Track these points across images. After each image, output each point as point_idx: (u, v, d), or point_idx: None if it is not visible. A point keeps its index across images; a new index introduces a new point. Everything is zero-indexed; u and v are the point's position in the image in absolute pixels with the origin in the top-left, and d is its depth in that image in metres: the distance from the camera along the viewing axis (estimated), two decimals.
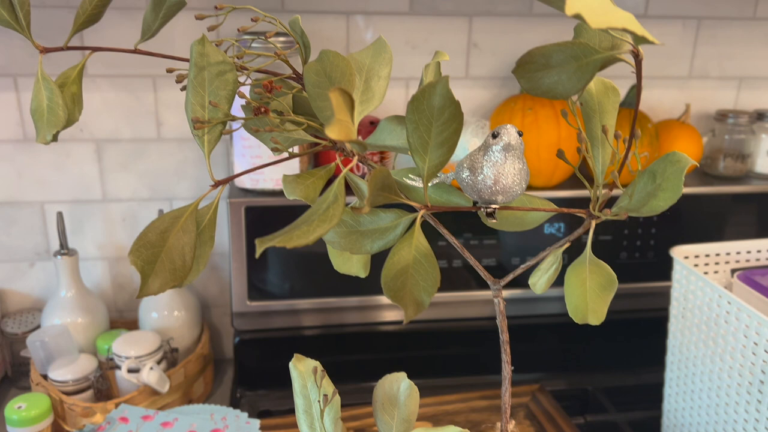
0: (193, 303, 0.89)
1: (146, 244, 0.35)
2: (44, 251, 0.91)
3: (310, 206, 0.33)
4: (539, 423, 0.78)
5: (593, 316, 0.39)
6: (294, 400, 0.42)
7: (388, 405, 0.42)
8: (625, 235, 0.90)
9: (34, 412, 0.73)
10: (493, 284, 0.44)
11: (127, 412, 0.73)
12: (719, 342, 0.66)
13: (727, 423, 0.66)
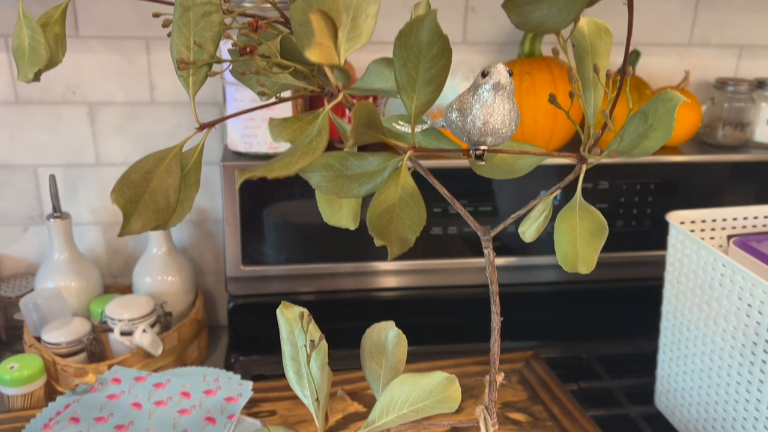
0: (187, 268, 0.89)
1: (129, 184, 0.35)
2: (38, 215, 0.90)
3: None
4: (532, 388, 0.78)
5: (583, 264, 0.39)
6: (281, 347, 0.41)
7: (376, 353, 0.42)
8: (622, 203, 0.90)
9: (27, 372, 0.73)
10: (483, 235, 0.43)
11: (120, 373, 0.73)
12: (713, 306, 0.66)
13: (719, 386, 0.66)
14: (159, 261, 0.87)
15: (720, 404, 0.66)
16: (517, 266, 0.91)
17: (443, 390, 0.37)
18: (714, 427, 0.68)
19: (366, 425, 0.38)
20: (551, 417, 0.73)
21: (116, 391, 0.71)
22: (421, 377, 0.38)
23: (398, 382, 0.38)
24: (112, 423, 0.66)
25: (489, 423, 0.42)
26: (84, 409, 0.68)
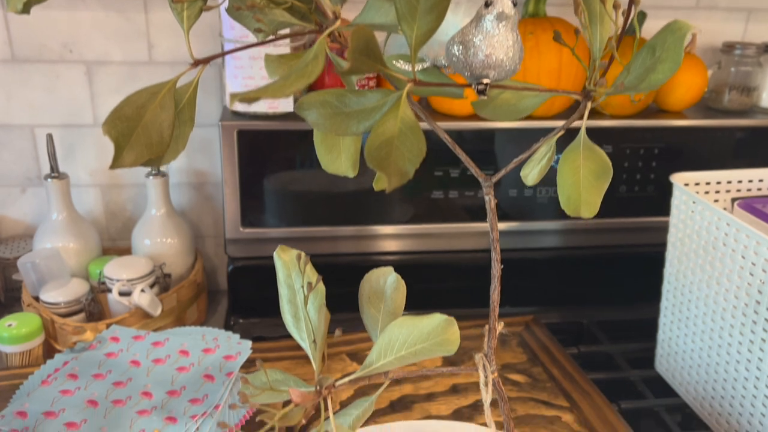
0: (186, 231, 0.88)
1: (122, 117, 0.34)
2: (35, 177, 0.90)
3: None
4: (532, 351, 0.78)
5: (586, 207, 0.38)
6: (278, 290, 0.41)
7: (374, 299, 0.41)
8: (625, 168, 0.89)
9: (25, 330, 0.72)
10: (485, 181, 0.43)
11: (118, 332, 0.73)
12: (716, 266, 0.65)
13: (721, 347, 0.66)
14: (158, 223, 0.86)
15: (721, 365, 0.66)
16: (518, 231, 0.90)
17: (442, 332, 0.37)
18: (714, 388, 0.67)
19: (363, 367, 0.38)
20: (551, 378, 0.73)
21: (114, 349, 0.70)
22: (419, 319, 0.37)
23: (396, 325, 0.37)
24: (110, 380, 0.66)
25: (488, 370, 0.42)
26: (82, 366, 0.67)
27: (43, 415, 0.60)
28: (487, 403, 0.41)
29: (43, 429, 0.59)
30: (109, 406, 0.63)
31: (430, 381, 0.72)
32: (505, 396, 0.43)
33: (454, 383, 0.72)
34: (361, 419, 0.42)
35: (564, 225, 0.91)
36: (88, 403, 0.63)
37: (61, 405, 0.62)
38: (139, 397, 0.64)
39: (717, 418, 0.67)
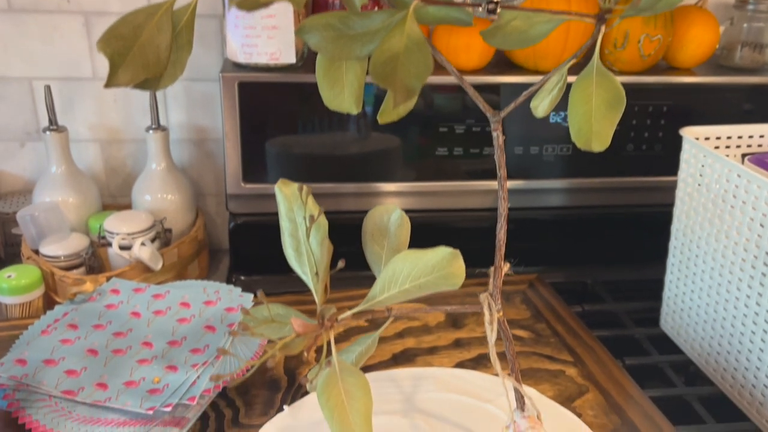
0: (186, 187, 0.87)
1: (117, 36, 0.33)
2: (34, 131, 0.89)
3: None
4: (536, 308, 0.77)
5: (597, 139, 0.37)
6: (279, 224, 0.40)
7: (378, 235, 0.40)
8: (633, 126, 0.87)
9: (24, 281, 0.72)
10: (492, 116, 0.41)
11: (119, 284, 0.72)
12: (726, 219, 0.64)
13: (728, 302, 0.65)
14: (158, 178, 0.85)
15: (728, 320, 0.65)
16: (523, 190, 0.89)
17: (447, 265, 0.36)
18: (720, 344, 0.67)
19: (366, 300, 0.37)
20: (554, 334, 0.73)
21: (115, 301, 0.70)
22: (423, 252, 0.36)
23: (400, 258, 0.36)
24: (111, 330, 0.65)
25: (493, 309, 0.41)
26: (82, 317, 0.67)
27: (42, 363, 0.60)
28: (491, 342, 0.40)
29: (42, 376, 0.59)
30: (109, 355, 0.62)
31: (433, 335, 0.72)
32: (510, 335, 0.42)
33: (457, 337, 0.71)
34: (364, 356, 0.41)
35: (569, 184, 0.89)
36: (88, 352, 0.62)
37: (60, 353, 0.61)
38: (139, 346, 0.63)
39: (722, 373, 0.67)
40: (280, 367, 0.66)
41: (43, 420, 0.55)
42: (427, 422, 0.46)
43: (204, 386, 0.58)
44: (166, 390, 0.57)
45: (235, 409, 0.60)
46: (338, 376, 0.38)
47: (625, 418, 0.60)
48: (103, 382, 0.59)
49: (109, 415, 0.56)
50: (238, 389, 0.62)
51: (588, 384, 0.65)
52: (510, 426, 0.41)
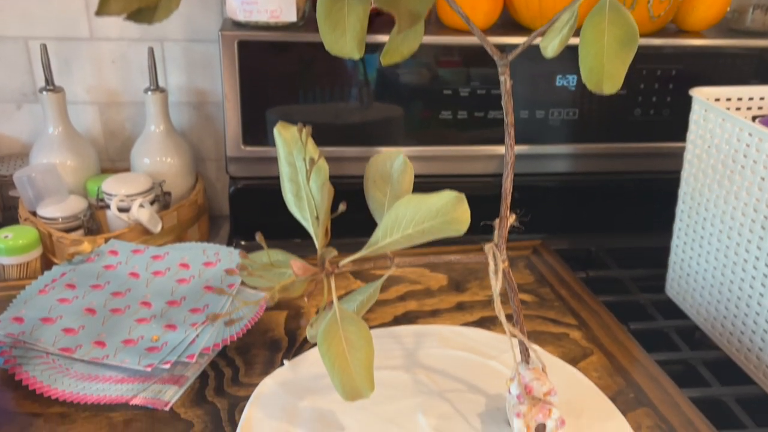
0: (186, 151, 0.86)
1: None
2: (31, 93, 0.87)
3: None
4: (540, 273, 0.76)
5: (609, 80, 0.35)
6: (279, 169, 0.39)
7: (380, 182, 0.39)
8: (641, 90, 0.86)
9: (22, 242, 0.71)
10: (500, 59, 0.40)
11: (117, 246, 0.71)
12: (735, 180, 0.63)
13: (736, 264, 0.64)
14: (157, 140, 0.84)
15: (735, 283, 0.64)
16: (528, 155, 0.87)
17: (451, 210, 0.35)
18: (727, 307, 0.66)
19: (368, 245, 0.36)
20: (558, 298, 0.72)
21: (113, 262, 0.69)
22: (427, 197, 0.35)
23: (403, 202, 0.35)
24: (109, 290, 0.65)
25: (498, 259, 0.40)
26: (80, 277, 0.66)
27: (39, 321, 0.59)
28: (496, 292, 0.39)
29: (39, 334, 0.58)
30: (107, 314, 0.61)
31: (435, 298, 0.71)
32: (515, 286, 0.41)
33: (460, 301, 0.71)
34: (365, 305, 0.40)
35: (575, 149, 0.88)
36: (86, 311, 0.61)
37: (58, 312, 0.61)
38: (137, 306, 0.62)
39: (728, 337, 0.66)
40: (280, 328, 0.65)
41: (40, 377, 0.54)
42: (429, 377, 0.45)
43: (203, 344, 0.57)
44: (164, 348, 0.57)
45: (235, 368, 0.59)
46: (339, 324, 0.37)
47: (629, 379, 0.59)
48: (101, 340, 0.58)
49: (107, 372, 0.56)
50: (239, 349, 0.61)
51: (592, 347, 0.64)
52: (514, 377, 0.40)
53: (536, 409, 0.39)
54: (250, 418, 0.41)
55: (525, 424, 0.38)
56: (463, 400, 0.43)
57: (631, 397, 0.57)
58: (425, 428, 0.41)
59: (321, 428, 0.41)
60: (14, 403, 0.53)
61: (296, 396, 0.43)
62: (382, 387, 0.44)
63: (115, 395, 0.53)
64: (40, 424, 0.52)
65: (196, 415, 0.53)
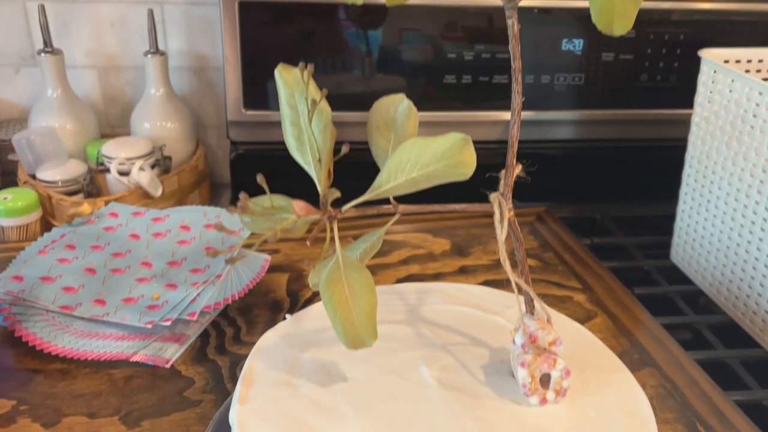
0: (186, 116, 0.85)
1: None
2: (29, 56, 0.86)
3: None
4: (543, 238, 0.76)
5: (619, 20, 0.34)
6: (280, 112, 0.38)
7: (384, 128, 0.38)
8: (648, 55, 0.84)
9: (21, 203, 0.70)
10: (507, 2, 0.39)
11: (117, 208, 0.70)
12: (744, 141, 0.62)
13: (743, 227, 0.63)
14: (157, 104, 0.83)
15: (742, 246, 0.63)
16: (533, 121, 0.86)
17: (457, 153, 0.34)
18: (733, 271, 0.65)
19: (372, 189, 0.35)
20: (562, 263, 0.71)
21: (113, 224, 0.68)
22: (432, 139, 0.34)
23: (408, 145, 0.34)
24: (109, 251, 0.64)
25: (504, 207, 0.39)
26: (80, 238, 0.66)
27: (39, 280, 0.59)
28: (501, 241, 0.38)
29: (39, 292, 0.57)
30: (107, 274, 0.61)
31: (438, 262, 0.70)
32: (521, 237, 0.40)
33: (463, 265, 0.70)
34: (369, 253, 0.40)
35: (581, 115, 0.87)
36: (86, 271, 0.61)
37: (58, 271, 0.60)
38: (138, 266, 0.62)
39: (734, 301, 0.65)
40: (282, 289, 0.65)
41: (40, 333, 0.54)
42: (432, 332, 0.45)
43: (204, 303, 0.57)
44: (165, 306, 0.56)
45: (237, 327, 0.59)
46: (342, 271, 0.37)
47: (634, 341, 0.59)
48: (101, 299, 0.57)
49: (108, 330, 0.55)
50: (240, 309, 0.61)
51: (596, 309, 0.63)
52: (518, 328, 0.39)
53: (541, 359, 0.38)
54: (252, 368, 0.41)
55: (529, 374, 0.38)
56: (467, 353, 0.43)
57: (635, 358, 0.57)
58: (428, 379, 0.40)
59: (323, 379, 0.40)
60: (14, 360, 0.53)
61: (298, 348, 0.43)
62: (384, 340, 0.44)
63: (115, 352, 0.53)
64: (40, 380, 0.51)
65: (197, 372, 0.53)
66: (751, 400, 0.56)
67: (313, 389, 0.40)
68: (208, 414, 0.48)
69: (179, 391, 0.51)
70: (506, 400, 0.39)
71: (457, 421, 0.37)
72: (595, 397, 0.40)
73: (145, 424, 0.47)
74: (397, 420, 0.37)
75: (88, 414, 0.48)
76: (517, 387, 0.39)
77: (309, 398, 0.39)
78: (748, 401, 0.55)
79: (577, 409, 0.39)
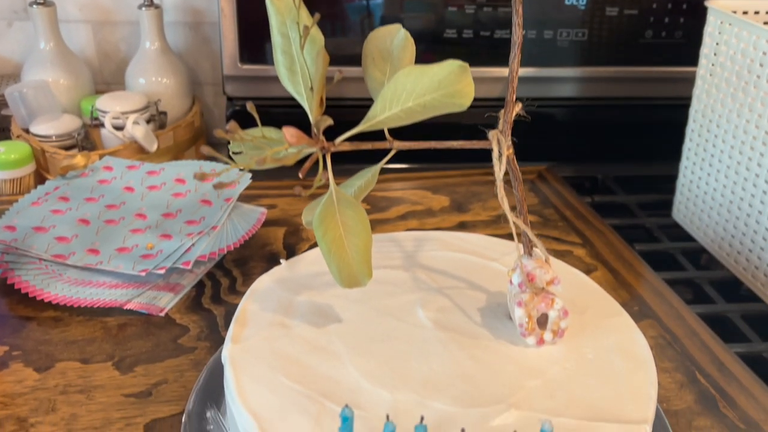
0: (182, 71, 0.84)
1: None
2: (22, 9, 0.84)
3: None
4: (544, 195, 0.75)
5: None
6: (271, 40, 0.37)
7: (380, 60, 0.37)
8: (653, 11, 0.82)
9: (14, 156, 0.69)
10: None
11: (112, 162, 0.69)
12: (750, 91, 0.60)
13: (747, 180, 0.62)
14: (152, 59, 0.81)
15: (745, 200, 0.62)
16: (534, 78, 0.85)
17: (455, 81, 0.33)
18: (736, 226, 0.64)
19: (366, 119, 0.34)
20: (563, 218, 0.70)
21: (108, 176, 0.67)
22: (429, 67, 0.33)
23: (403, 74, 0.33)
24: (103, 203, 0.63)
25: (503, 145, 0.38)
26: (73, 190, 0.65)
27: (32, 229, 0.58)
28: (499, 178, 0.37)
29: (32, 242, 0.57)
30: (101, 225, 0.60)
31: (437, 218, 0.70)
32: (519, 175, 0.39)
33: (462, 220, 0.69)
34: (363, 191, 0.39)
35: (583, 72, 0.85)
36: (80, 221, 0.60)
37: (51, 222, 0.59)
38: (132, 218, 0.61)
39: (736, 257, 0.65)
40: (279, 242, 0.64)
41: (33, 281, 0.53)
42: (429, 276, 0.44)
43: (200, 252, 0.56)
44: (159, 255, 0.55)
45: (232, 278, 0.58)
46: (336, 207, 0.36)
47: (634, 293, 0.58)
48: (95, 248, 0.57)
49: (101, 278, 0.55)
50: (236, 261, 0.60)
51: (596, 263, 0.63)
52: (516, 268, 0.38)
53: (538, 299, 0.37)
54: (245, 310, 0.40)
55: (526, 314, 0.37)
56: (463, 296, 0.42)
57: (635, 310, 0.56)
58: (424, 321, 0.40)
59: (317, 320, 0.40)
60: (7, 308, 0.53)
61: (293, 291, 0.42)
62: (380, 284, 0.43)
63: (109, 299, 0.52)
64: (33, 327, 0.51)
65: (192, 321, 0.52)
66: (752, 353, 0.55)
67: (307, 329, 0.39)
68: (203, 360, 0.48)
69: (173, 339, 0.50)
70: (503, 341, 0.39)
71: (452, 360, 0.37)
72: (594, 339, 0.39)
73: (139, 370, 0.47)
74: (393, 358, 0.37)
75: (81, 359, 0.48)
76: (514, 329, 0.39)
77: (303, 338, 0.38)
78: (749, 353, 0.55)
79: (574, 350, 0.38)
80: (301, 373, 0.36)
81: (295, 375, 0.35)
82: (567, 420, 0.33)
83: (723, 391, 0.47)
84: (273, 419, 0.33)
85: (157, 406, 0.44)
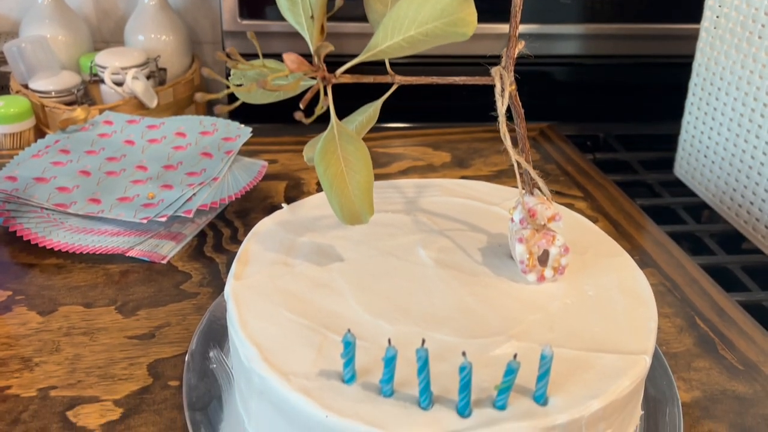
0: (181, 29, 0.83)
1: None
2: None
3: None
4: (546, 152, 0.74)
5: None
6: None
7: None
8: None
9: (14, 110, 0.69)
10: None
11: (112, 116, 0.69)
12: (755, 41, 0.60)
13: (750, 132, 0.62)
14: (151, 15, 0.80)
15: (748, 152, 0.62)
16: (535, 34, 0.84)
17: (457, 9, 0.32)
18: (737, 179, 0.64)
19: (367, 49, 0.34)
20: (564, 173, 0.70)
21: (108, 130, 0.67)
22: None
23: (405, 2, 0.33)
24: (104, 156, 0.63)
25: (506, 81, 0.38)
26: (74, 143, 0.64)
27: (33, 180, 0.58)
28: (501, 114, 0.37)
29: (33, 191, 0.57)
30: (102, 176, 0.60)
31: (438, 173, 0.69)
32: (521, 111, 0.39)
33: (463, 175, 0.69)
34: (365, 126, 0.39)
35: (585, 29, 0.84)
36: (80, 173, 0.60)
37: (52, 173, 0.59)
38: (133, 169, 0.61)
39: (737, 210, 0.65)
40: (280, 195, 0.64)
41: (35, 229, 0.53)
42: (430, 219, 0.44)
43: (201, 202, 0.56)
44: (161, 204, 0.55)
45: (234, 228, 0.58)
46: (337, 142, 0.36)
47: (635, 243, 0.58)
48: (96, 198, 0.57)
49: (103, 226, 0.55)
50: (237, 212, 0.60)
51: (598, 215, 0.63)
52: (517, 205, 0.38)
53: (539, 235, 0.37)
54: (247, 250, 0.40)
55: (527, 250, 0.37)
56: (464, 237, 0.42)
57: (636, 259, 0.56)
58: (425, 260, 0.40)
59: (320, 259, 0.40)
60: (9, 255, 0.53)
61: (295, 233, 0.42)
62: (381, 226, 0.43)
63: (111, 246, 0.52)
64: (35, 273, 0.51)
65: (194, 268, 0.53)
66: (752, 301, 0.56)
67: (309, 268, 0.39)
68: (205, 305, 0.48)
69: (176, 285, 0.50)
70: (503, 278, 0.39)
71: (453, 296, 0.37)
72: (595, 277, 0.39)
73: (142, 314, 0.47)
74: (394, 294, 0.37)
75: (84, 304, 0.48)
76: (515, 267, 0.39)
77: (305, 275, 0.38)
78: (749, 302, 0.55)
79: (575, 287, 0.38)
80: (303, 307, 0.36)
81: (298, 309, 0.36)
82: (567, 350, 0.34)
83: (722, 334, 0.48)
84: (276, 349, 0.33)
85: (160, 347, 0.44)
